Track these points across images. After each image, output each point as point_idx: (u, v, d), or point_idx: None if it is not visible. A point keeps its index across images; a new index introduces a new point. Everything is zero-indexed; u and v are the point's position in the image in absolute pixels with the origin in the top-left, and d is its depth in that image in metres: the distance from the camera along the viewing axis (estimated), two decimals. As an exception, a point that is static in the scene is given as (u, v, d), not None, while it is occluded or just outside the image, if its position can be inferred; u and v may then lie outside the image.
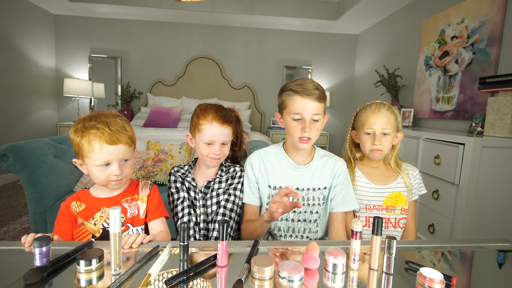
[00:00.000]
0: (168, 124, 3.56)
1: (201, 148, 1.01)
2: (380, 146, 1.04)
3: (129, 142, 0.85)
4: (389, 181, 1.10)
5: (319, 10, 3.73)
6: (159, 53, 4.15)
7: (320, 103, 0.93)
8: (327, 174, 1.02)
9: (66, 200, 0.90)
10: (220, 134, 0.99)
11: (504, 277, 0.68)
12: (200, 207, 1.04)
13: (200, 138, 1.00)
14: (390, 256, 0.63)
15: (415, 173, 1.13)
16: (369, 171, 1.12)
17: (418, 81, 2.80)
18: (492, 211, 1.61)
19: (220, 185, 1.07)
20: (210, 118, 0.98)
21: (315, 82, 0.94)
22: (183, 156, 1.98)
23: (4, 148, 1.45)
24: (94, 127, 0.80)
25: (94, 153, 0.80)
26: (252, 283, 0.58)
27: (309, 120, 0.92)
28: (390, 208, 1.07)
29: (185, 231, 0.65)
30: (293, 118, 0.93)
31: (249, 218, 1.04)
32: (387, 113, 1.05)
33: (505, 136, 1.67)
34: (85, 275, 0.58)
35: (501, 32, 1.98)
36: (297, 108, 0.92)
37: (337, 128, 4.47)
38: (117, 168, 0.82)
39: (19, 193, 2.97)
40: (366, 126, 1.06)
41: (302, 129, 0.92)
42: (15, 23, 3.32)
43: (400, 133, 1.10)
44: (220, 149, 1.00)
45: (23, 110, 3.49)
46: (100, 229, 0.87)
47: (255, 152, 1.06)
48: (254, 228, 0.95)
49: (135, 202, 0.92)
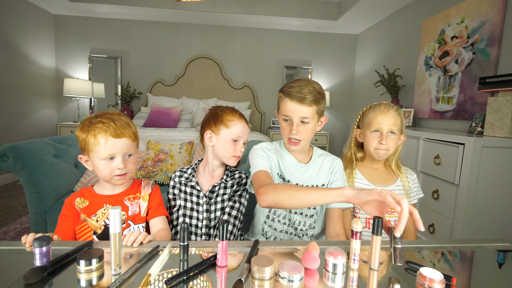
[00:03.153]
0: (168, 124, 3.56)
1: (226, 144, 1.01)
2: (386, 146, 1.05)
3: (132, 137, 0.88)
4: (389, 183, 1.11)
5: (319, 10, 3.73)
6: (159, 53, 4.15)
7: (310, 107, 0.92)
8: (325, 171, 1.04)
9: (71, 196, 0.93)
10: (247, 132, 1.05)
11: (504, 277, 0.68)
12: (203, 212, 1.03)
13: (227, 134, 1.01)
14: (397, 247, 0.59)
15: (413, 177, 1.14)
16: (369, 172, 1.13)
17: (418, 81, 2.80)
18: (492, 211, 1.61)
19: (225, 190, 1.06)
20: (239, 116, 1.04)
21: (311, 85, 0.93)
22: (183, 156, 1.98)
23: (4, 148, 1.45)
24: (100, 122, 0.84)
25: (100, 146, 0.83)
26: (252, 283, 0.58)
27: (296, 123, 0.93)
28: (390, 211, 1.07)
29: (185, 231, 0.65)
30: (284, 119, 0.97)
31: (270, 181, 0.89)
32: (395, 114, 1.07)
33: (505, 136, 1.67)
34: (85, 275, 0.58)
35: (501, 32, 1.98)
36: (285, 111, 0.95)
37: (337, 128, 4.47)
38: (121, 162, 0.85)
39: (19, 193, 2.97)
40: (374, 125, 1.06)
41: (290, 130, 0.95)
42: (15, 23, 3.32)
43: (403, 135, 1.11)
44: (243, 147, 1.03)
45: (23, 110, 3.49)
46: (102, 226, 0.89)
47: (262, 143, 1.07)
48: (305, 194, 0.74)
49: (137, 200, 0.94)
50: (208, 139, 1.03)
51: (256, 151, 1.03)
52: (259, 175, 0.92)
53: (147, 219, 0.95)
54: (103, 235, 0.89)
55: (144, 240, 0.75)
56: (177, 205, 1.06)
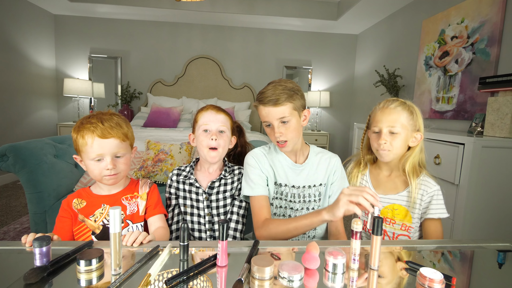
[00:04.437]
0: (168, 124, 3.56)
1: (199, 138, 1.01)
2: (386, 146, 0.95)
3: (122, 137, 0.87)
4: (392, 192, 1.02)
5: (319, 10, 3.73)
6: (159, 53, 4.15)
7: (284, 106, 0.92)
8: (322, 170, 1.03)
9: (67, 197, 0.92)
10: (215, 118, 1.02)
11: (504, 277, 0.68)
12: (204, 208, 1.04)
13: (198, 127, 1.03)
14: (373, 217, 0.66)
15: (430, 190, 0.98)
16: (376, 177, 1.07)
17: (418, 81, 2.80)
18: (492, 211, 1.60)
19: (226, 187, 1.06)
20: (206, 108, 1.05)
21: (280, 84, 0.93)
22: (183, 156, 1.98)
23: (4, 148, 1.45)
24: (89, 123, 0.85)
25: (87, 146, 0.84)
26: (252, 283, 0.58)
27: (277, 125, 0.94)
28: (389, 220, 1.01)
29: (185, 231, 0.65)
30: (266, 125, 0.98)
31: (266, 211, 0.96)
32: (398, 110, 0.95)
33: (505, 136, 1.67)
34: (85, 275, 0.58)
35: (501, 32, 1.98)
36: (263, 117, 0.96)
37: (337, 128, 4.47)
38: (109, 163, 0.85)
39: (19, 193, 2.97)
40: (374, 123, 1.00)
41: (274, 134, 0.96)
42: (15, 23, 3.32)
43: (418, 133, 0.98)
44: (217, 135, 1.00)
45: (23, 110, 3.49)
46: (100, 226, 0.89)
47: (256, 149, 1.06)
48: (295, 228, 0.85)
49: (135, 199, 0.94)
50: (192, 141, 1.07)
51: (254, 162, 1.02)
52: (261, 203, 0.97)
53: (145, 217, 0.95)
54: (102, 235, 0.89)
55: (144, 240, 0.75)
56: (172, 205, 1.06)
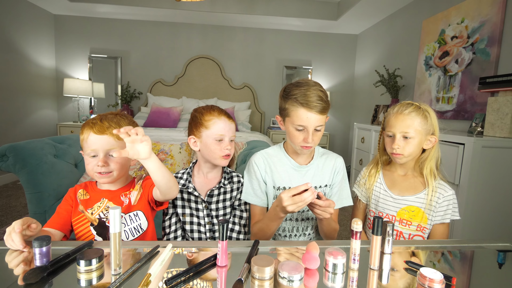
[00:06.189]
0: (168, 124, 3.56)
1: (211, 146, 0.96)
2: (399, 150, 0.97)
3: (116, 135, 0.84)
4: (409, 193, 1.02)
5: (319, 10, 3.73)
6: (159, 53, 4.15)
7: (324, 115, 0.91)
8: (328, 171, 1.03)
9: (75, 186, 0.95)
10: (229, 128, 0.99)
11: (504, 277, 0.68)
12: (204, 217, 1.02)
13: (209, 134, 0.97)
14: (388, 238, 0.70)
15: (446, 194, 0.99)
16: (391, 178, 1.07)
17: (418, 81, 2.80)
18: (492, 211, 1.60)
19: (225, 195, 1.04)
20: (217, 113, 0.99)
21: (318, 89, 0.90)
22: (183, 156, 1.98)
23: (4, 148, 1.45)
24: (93, 120, 0.89)
25: (84, 141, 0.88)
26: (252, 283, 0.58)
27: (312, 132, 0.90)
28: (405, 222, 1.00)
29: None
30: (296, 129, 0.92)
31: (258, 219, 1.01)
32: (412, 115, 0.96)
33: (505, 136, 1.67)
34: (85, 275, 0.58)
35: (501, 32, 1.98)
36: (301, 121, 0.89)
37: (337, 128, 4.47)
38: (101, 159, 0.86)
39: (19, 193, 2.97)
40: (387, 128, 1.01)
41: (304, 139, 0.91)
42: (15, 23, 3.32)
43: (433, 137, 0.98)
44: (230, 144, 0.99)
45: (23, 110, 3.49)
46: (97, 219, 0.90)
47: (258, 154, 1.05)
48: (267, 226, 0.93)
49: (129, 194, 0.95)
50: (193, 144, 1.00)
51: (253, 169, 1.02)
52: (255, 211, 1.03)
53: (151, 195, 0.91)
54: (100, 227, 0.90)
55: (136, 131, 0.69)
56: (169, 214, 1.04)
